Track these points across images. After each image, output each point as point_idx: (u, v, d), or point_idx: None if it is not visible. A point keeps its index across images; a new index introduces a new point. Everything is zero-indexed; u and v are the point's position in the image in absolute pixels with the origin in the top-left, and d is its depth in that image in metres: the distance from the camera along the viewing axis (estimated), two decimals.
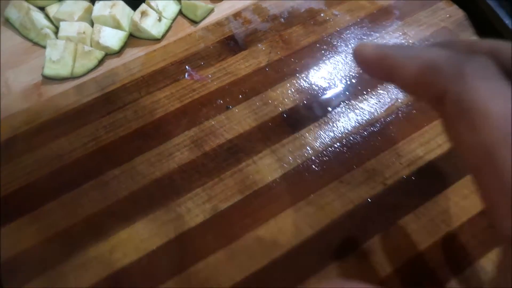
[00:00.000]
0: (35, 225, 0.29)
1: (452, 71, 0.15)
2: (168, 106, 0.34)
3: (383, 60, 0.17)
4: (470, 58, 0.15)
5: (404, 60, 0.16)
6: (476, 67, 0.14)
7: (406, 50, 0.17)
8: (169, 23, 0.38)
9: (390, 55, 0.17)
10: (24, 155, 0.32)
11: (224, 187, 0.31)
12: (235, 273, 0.27)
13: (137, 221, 0.29)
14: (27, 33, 0.38)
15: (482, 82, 0.14)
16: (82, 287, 0.27)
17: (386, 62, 0.17)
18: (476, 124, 0.14)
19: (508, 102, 0.13)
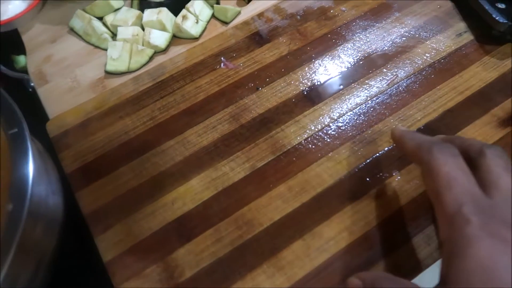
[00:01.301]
0: (111, 185, 0.37)
1: (427, 148, 0.27)
2: (209, 89, 0.42)
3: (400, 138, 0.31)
4: (439, 143, 0.27)
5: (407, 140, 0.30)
6: (440, 148, 0.27)
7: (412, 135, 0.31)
8: (204, 25, 0.46)
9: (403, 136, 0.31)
10: (97, 133, 0.40)
11: (259, 150, 0.38)
12: (273, 214, 0.34)
13: (192, 179, 0.37)
14: (89, 38, 0.46)
15: (440, 155, 0.26)
16: (154, 229, 0.35)
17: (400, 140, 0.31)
18: (433, 177, 0.26)
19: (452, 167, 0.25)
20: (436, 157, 0.26)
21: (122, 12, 0.46)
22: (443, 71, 0.41)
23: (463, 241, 0.22)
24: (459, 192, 0.24)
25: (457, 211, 0.24)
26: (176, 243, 0.34)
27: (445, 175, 0.25)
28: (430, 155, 0.27)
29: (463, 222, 0.23)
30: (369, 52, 0.43)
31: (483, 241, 0.22)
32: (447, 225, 0.24)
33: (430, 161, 0.26)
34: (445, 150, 0.27)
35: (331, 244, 0.33)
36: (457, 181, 0.25)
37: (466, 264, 0.21)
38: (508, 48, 0.42)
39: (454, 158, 0.26)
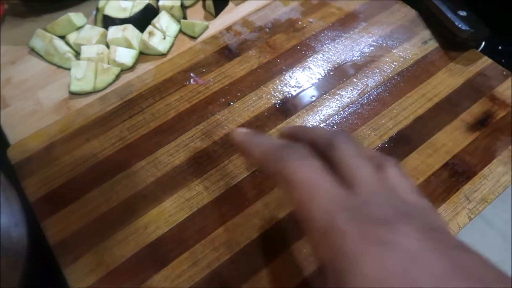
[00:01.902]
0: (80, 211, 0.35)
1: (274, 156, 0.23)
2: (179, 107, 0.41)
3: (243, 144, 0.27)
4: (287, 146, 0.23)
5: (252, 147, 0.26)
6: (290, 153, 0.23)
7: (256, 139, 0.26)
8: (172, 40, 0.45)
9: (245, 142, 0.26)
10: (63, 157, 0.38)
11: (233, 166, 0.37)
12: (251, 233, 0.34)
13: (165, 200, 0.35)
14: (51, 58, 0.44)
15: (292, 161, 0.22)
16: (126, 256, 0.33)
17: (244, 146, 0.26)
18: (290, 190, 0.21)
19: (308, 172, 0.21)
20: (286, 165, 0.22)
21: (85, 30, 0.45)
22: (412, 78, 0.42)
23: (345, 261, 0.19)
24: (325, 200, 0.20)
25: (328, 224, 0.20)
26: (151, 269, 0.32)
27: (303, 182, 0.21)
28: (280, 164, 0.22)
29: (339, 236, 0.19)
30: (338, 62, 0.43)
31: (367, 254, 0.18)
32: (321, 241, 0.20)
33: (283, 171, 0.22)
34: (295, 154, 0.23)
35: (311, 260, 0.32)
36: (318, 186, 0.21)
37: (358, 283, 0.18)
38: (471, 54, 0.43)
39: (308, 161, 0.22)
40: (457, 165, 0.36)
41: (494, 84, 0.41)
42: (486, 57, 0.43)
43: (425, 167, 0.36)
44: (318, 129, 0.26)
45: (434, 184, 0.35)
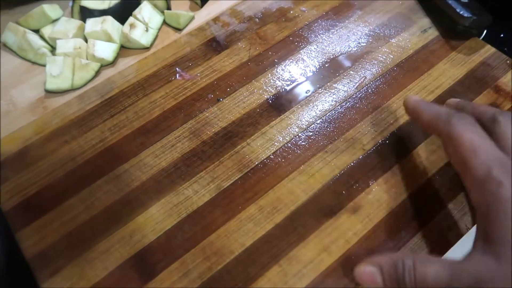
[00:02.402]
0: (58, 221, 0.32)
1: (444, 119, 0.28)
2: (165, 104, 0.38)
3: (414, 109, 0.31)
4: (456, 113, 0.28)
5: (423, 111, 0.30)
6: (457, 117, 0.27)
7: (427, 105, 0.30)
8: (155, 33, 0.42)
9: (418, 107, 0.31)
10: (39, 161, 0.35)
11: (224, 168, 0.34)
12: (244, 239, 0.31)
13: (151, 206, 0.33)
14: (25, 54, 0.41)
15: (459, 125, 0.27)
16: (110, 268, 0.30)
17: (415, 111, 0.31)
18: (456, 146, 0.26)
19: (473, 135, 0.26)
20: (456, 128, 0.27)
21: (61, 23, 0.41)
22: (412, 70, 0.39)
23: (500, 203, 0.23)
24: (485, 157, 0.25)
25: (487, 175, 0.24)
26: (137, 282, 0.30)
27: (468, 143, 0.26)
28: (449, 126, 0.27)
29: (496, 185, 0.24)
30: (334, 54, 0.41)
31: None
32: (479, 190, 0.25)
33: (451, 132, 0.27)
34: (463, 120, 0.27)
35: (309, 268, 0.30)
36: (481, 147, 0.25)
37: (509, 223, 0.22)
38: (473, 42, 0.41)
39: (473, 127, 0.27)
40: None
41: (498, 75, 0.38)
42: (489, 45, 0.40)
43: (429, 165, 0.34)
44: (482, 106, 0.30)
45: (439, 182, 0.33)
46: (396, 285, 0.25)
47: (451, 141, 0.27)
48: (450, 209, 0.32)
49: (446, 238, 0.31)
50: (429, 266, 0.24)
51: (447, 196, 0.33)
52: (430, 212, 0.32)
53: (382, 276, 0.25)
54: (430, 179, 0.33)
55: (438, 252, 0.30)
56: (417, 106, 0.31)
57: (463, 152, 0.26)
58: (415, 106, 0.31)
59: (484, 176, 0.24)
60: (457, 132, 0.26)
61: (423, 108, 0.30)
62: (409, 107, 0.32)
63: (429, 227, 0.31)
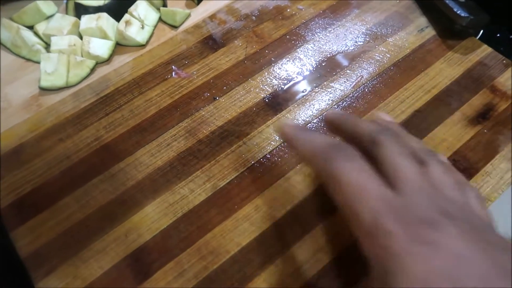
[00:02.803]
0: (53, 220, 0.32)
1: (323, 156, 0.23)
2: (161, 102, 0.38)
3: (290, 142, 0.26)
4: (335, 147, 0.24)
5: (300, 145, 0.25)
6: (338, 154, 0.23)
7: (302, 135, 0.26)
8: (151, 30, 0.42)
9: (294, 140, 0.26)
10: (34, 160, 0.35)
11: (221, 167, 0.34)
12: (241, 239, 0.31)
13: (147, 206, 0.33)
14: (19, 51, 0.40)
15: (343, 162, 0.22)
16: (105, 268, 0.30)
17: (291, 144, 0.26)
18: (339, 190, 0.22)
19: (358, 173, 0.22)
20: (335, 166, 0.22)
21: (55, 20, 0.41)
22: (408, 69, 0.39)
23: (392, 259, 0.19)
24: (371, 200, 0.21)
25: (374, 224, 0.20)
26: (132, 282, 0.30)
27: (351, 185, 0.22)
28: (329, 165, 0.23)
29: (386, 237, 0.20)
30: (330, 52, 0.41)
31: (413, 254, 0.19)
32: (368, 241, 0.21)
33: (332, 171, 0.23)
34: (344, 154, 0.23)
35: (306, 268, 0.30)
36: (366, 189, 0.21)
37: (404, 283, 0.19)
38: (470, 42, 0.41)
39: (355, 162, 0.23)
40: (458, 162, 0.34)
41: (494, 74, 0.38)
42: (486, 45, 0.40)
43: None
44: (362, 123, 0.26)
45: None
46: None
47: (332, 183, 0.23)
48: None
49: None
50: None
51: None
52: None
53: None
54: None
55: None
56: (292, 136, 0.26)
57: (347, 195, 0.22)
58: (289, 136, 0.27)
59: (371, 224, 0.20)
60: (337, 172, 0.22)
61: (298, 138, 0.26)
62: (282, 136, 0.27)
63: None
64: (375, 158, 0.23)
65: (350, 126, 0.27)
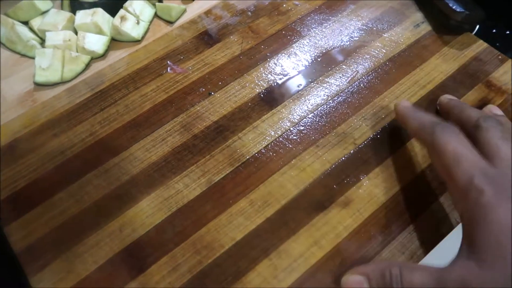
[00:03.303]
0: (47, 215, 0.32)
1: (429, 130, 0.28)
2: (156, 98, 0.38)
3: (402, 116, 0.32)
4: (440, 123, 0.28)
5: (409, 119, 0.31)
6: (442, 127, 0.28)
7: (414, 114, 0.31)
8: (147, 25, 0.42)
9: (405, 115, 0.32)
10: (28, 155, 0.35)
11: (215, 162, 0.34)
12: (235, 234, 0.31)
13: (141, 200, 0.33)
14: (14, 46, 0.40)
15: (443, 134, 0.27)
16: (99, 262, 0.30)
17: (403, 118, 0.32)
18: (440, 156, 0.27)
19: (456, 144, 0.27)
20: (439, 138, 0.27)
21: (50, 15, 0.41)
22: (404, 64, 0.39)
23: (481, 211, 0.24)
24: (468, 166, 0.25)
25: (469, 183, 0.25)
26: (127, 276, 0.30)
27: (451, 152, 0.26)
28: (433, 136, 0.28)
29: (477, 193, 0.24)
30: (326, 48, 0.40)
31: (500, 207, 0.23)
32: (462, 198, 0.25)
33: (435, 141, 0.27)
34: (447, 129, 0.28)
35: (300, 262, 0.30)
36: (464, 156, 0.26)
37: (490, 228, 0.23)
38: (466, 37, 0.41)
39: (457, 136, 0.27)
40: None
41: (490, 70, 0.39)
42: (482, 41, 0.40)
43: (420, 159, 0.34)
44: (469, 109, 0.31)
45: (430, 177, 0.33)
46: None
47: (435, 151, 0.28)
48: (440, 202, 0.32)
49: (436, 232, 0.31)
50: (416, 273, 0.24)
51: (438, 190, 0.33)
52: (421, 206, 0.32)
53: (369, 285, 0.26)
54: (420, 173, 0.33)
55: (429, 245, 0.30)
56: (405, 114, 0.32)
57: (447, 161, 0.26)
58: (403, 114, 0.32)
59: (466, 184, 0.25)
60: (441, 142, 0.27)
61: (410, 116, 0.31)
62: (397, 113, 0.33)
63: (419, 221, 0.31)
64: (476, 140, 0.28)
65: (458, 110, 0.32)
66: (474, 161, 0.26)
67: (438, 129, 0.28)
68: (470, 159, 0.26)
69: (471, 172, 0.25)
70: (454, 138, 0.27)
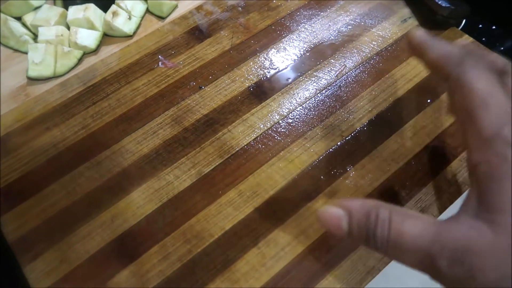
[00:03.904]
0: (39, 206, 0.33)
1: (456, 60, 0.24)
2: (147, 92, 0.38)
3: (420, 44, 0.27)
4: (469, 55, 0.24)
5: (431, 47, 0.26)
6: (471, 60, 0.23)
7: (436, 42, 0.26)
8: (138, 21, 0.42)
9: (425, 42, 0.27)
10: (20, 148, 0.35)
11: (205, 154, 0.35)
12: (224, 223, 0.32)
13: (132, 192, 0.33)
14: (6, 41, 0.41)
15: (473, 69, 0.23)
16: (91, 252, 0.31)
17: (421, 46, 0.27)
18: (465, 94, 0.22)
19: (488, 84, 0.22)
20: (469, 72, 0.23)
21: (43, 11, 0.41)
22: (391, 58, 0.40)
23: (505, 166, 0.20)
24: (497, 112, 0.21)
25: (496, 132, 0.21)
26: (118, 265, 0.30)
27: (481, 92, 0.22)
28: (461, 69, 0.23)
29: (505, 145, 0.20)
30: (315, 42, 0.41)
31: None
32: (484, 148, 0.21)
33: (462, 76, 0.23)
34: (478, 64, 0.23)
35: (287, 251, 0.30)
36: (494, 100, 0.22)
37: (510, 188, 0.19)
38: (452, 32, 0.42)
39: (489, 75, 0.23)
40: (437, 148, 0.35)
41: None
42: (467, 35, 0.41)
43: (405, 151, 0.35)
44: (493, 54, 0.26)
45: (414, 168, 0.34)
46: (364, 238, 0.22)
47: (460, 87, 0.23)
48: (422, 194, 0.33)
49: None
50: (408, 222, 0.21)
51: (422, 181, 0.33)
52: (403, 197, 0.33)
53: (349, 223, 0.22)
54: (405, 164, 0.34)
55: None
56: (424, 42, 0.27)
57: (473, 102, 0.22)
58: (422, 41, 0.27)
59: (492, 133, 0.21)
60: (470, 78, 0.23)
61: (431, 44, 0.26)
62: (413, 41, 0.28)
63: None
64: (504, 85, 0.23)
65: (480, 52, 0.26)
66: (505, 108, 0.22)
67: (468, 61, 0.23)
68: (501, 104, 0.22)
69: (500, 120, 0.21)
70: (485, 76, 0.23)
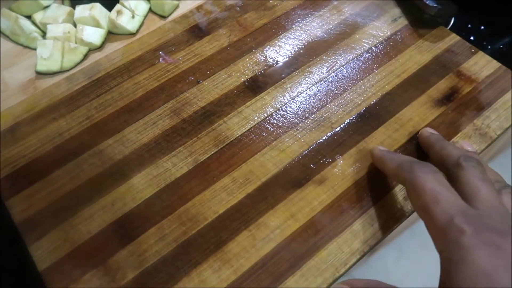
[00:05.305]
0: (45, 190, 0.35)
1: (407, 169, 0.29)
2: (148, 85, 0.40)
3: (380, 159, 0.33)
4: (418, 162, 0.29)
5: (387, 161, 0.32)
6: (421, 166, 0.28)
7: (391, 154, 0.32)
8: (141, 19, 0.45)
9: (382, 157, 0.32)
10: (28, 137, 0.37)
11: (202, 143, 0.37)
12: (218, 207, 0.34)
13: (132, 177, 0.35)
14: (17, 38, 0.43)
15: (422, 173, 0.27)
16: (93, 232, 0.33)
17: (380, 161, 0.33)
18: (419, 194, 0.27)
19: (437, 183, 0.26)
20: (418, 175, 0.27)
21: (51, 9, 0.44)
22: (381, 56, 0.42)
23: (460, 250, 0.23)
24: (447, 205, 0.25)
25: (448, 222, 0.24)
26: (117, 245, 0.32)
27: (430, 190, 0.26)
28: (412, 174, 0.28)
29: (457, 232, 0.24)
30: (309, 40, 0.43)
31: (480, 249, 0.23)
32: (441, 237, 0.25)
33: (413, 180, 0.27)
34: (425, 168, 0.28)
35: (276, 233, 0.32)
36: (443, 195, 0.26)
37: (468, 271, 0.22)
38: (440, 31, 0.43)
39: (435, 175, 0.27)
40: None
41: (461, 61, 0.41)
42: (454, 34, 0.43)
43: (391, 141, 0.37)
44: (449, 147, 0.31)
45: None
46: None
47: (413, 189, 0.27)
48: None
49: (402, 208, 0.33)
50: None
51: None
52: (389, 185, 0.34)
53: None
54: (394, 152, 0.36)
55: (395, 219, 0.33)
56: (382, 156, 0.33)
57: (425, 199, 0.26)
58: (380, 156, 0.33)
59: (446, 223, 0.25)
60: (419, 181, 0.27)
61: (387, 158, 0.32)
62: (375, 157, 0.34)
63: (387, 198, 0.34)
64: (455, 179, 0.28)
65: (439, 147, 0.32)
66: (454, 201, 0.25)
67: (416, 167, 0.28)
68: (449, 198, 0.26)
69: (451, 211, 0.25)
70: (432, 177, 0.27)
